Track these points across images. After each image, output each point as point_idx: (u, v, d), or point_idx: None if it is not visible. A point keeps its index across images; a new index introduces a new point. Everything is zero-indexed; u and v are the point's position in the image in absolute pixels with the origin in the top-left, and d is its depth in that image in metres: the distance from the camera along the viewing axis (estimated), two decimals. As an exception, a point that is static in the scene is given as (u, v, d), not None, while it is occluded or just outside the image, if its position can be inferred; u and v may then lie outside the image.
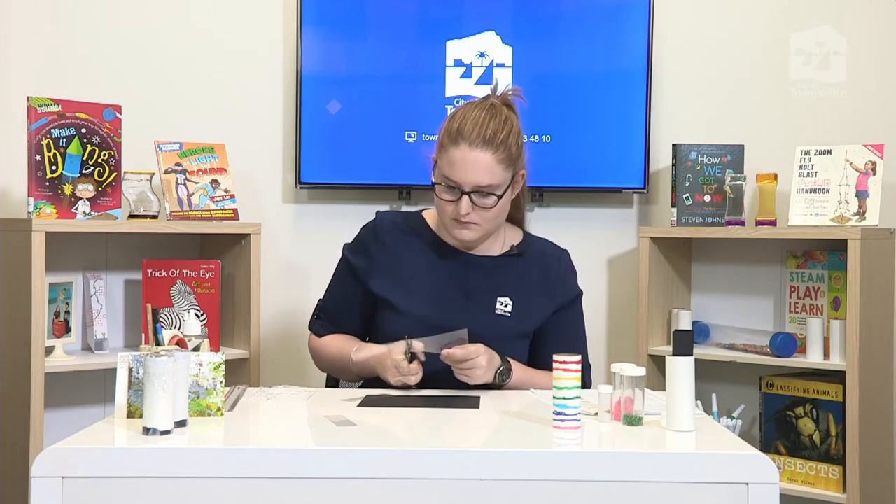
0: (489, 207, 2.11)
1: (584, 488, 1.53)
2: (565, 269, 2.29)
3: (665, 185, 3.27)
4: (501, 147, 2.08)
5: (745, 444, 1.64)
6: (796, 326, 3.05)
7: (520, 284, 2.21)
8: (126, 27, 3.09)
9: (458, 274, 2.20)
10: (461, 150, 2.07)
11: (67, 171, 2.65)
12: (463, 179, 2.08)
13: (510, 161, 2.11)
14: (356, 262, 2.24)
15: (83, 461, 1.53)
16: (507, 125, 2.10)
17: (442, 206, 2.14)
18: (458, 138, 2.08)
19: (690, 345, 1.69)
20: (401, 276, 2.20)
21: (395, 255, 2.22)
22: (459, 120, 2.10)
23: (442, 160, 2.11)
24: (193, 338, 1.93)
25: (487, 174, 2.08)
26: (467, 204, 2.09)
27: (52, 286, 2.67)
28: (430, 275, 2.20)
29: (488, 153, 2.07)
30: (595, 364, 2.36)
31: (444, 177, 2.11)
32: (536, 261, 2.25)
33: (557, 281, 2.25)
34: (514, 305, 2.19)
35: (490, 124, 2.08)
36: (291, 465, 1.53)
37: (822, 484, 2.87)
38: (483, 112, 2.10)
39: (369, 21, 3.26)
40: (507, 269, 2.22)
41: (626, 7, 3.25)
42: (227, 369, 1.80)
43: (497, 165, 2.08)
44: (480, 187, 2.08)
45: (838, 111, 3.19)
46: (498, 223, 2.20)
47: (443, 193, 2.12)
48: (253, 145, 3.21)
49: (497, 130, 2.08)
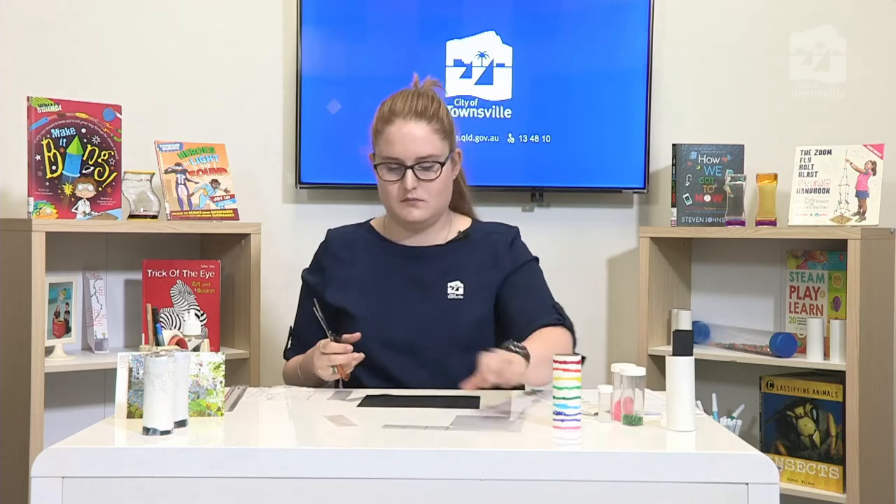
0: (433, 179, 2.16)
1: (584, 488, 1.53)
2: (512, 241, 2.29)
3: (665, 185, 3.27)
4: (434, 118, 2.17)
5: (745, 444, 1.64)
6: (796, 326, 3.05)
7: (469, 267, 2.24)
8: (126, 27, 3.09)
9: (408, 268, 2.24)
10: (396, 125, 2.15)
11: (67, 171, 2.65)
12: (403, 153, 2.15)
13: (445, 132, 2.18)
14: (312, 281, 2.31)
15: (83, 461, 1.53)
16: (435, 101, 2.20)
17: (386, 188, 2.19)
18: (391, 117, 2.17)
19: (690, 345, 1.69)
20: (353, 282, 2.25)
21: (346, 264, 2.27)
22: (389, 103, 2.20)
23: (379, 145, 2.19)
24: (193, 338, 1.93)
25: (426, 144, 2.15)
26: (412, 178, 2.15)
27: (52, 286, 2.67)
28: (380, 275, 2.24)
29: (423, 123, 2.16)
30: (595, 364, 2.36)
31: (384, 158, 2.17)
32: (484, 241, 2.28)
33: (504, 253, 2.26)
34: (466, 287, 2.21)
35: (419, 100, 2.18)
36: (291, 465, 1.53)
37: (822, 484, 2.87)
38: (409, 94, 2.21)
39: (369, 21, 3.26)
40: (455, 254, 2.25)
41: (626, 7, 3.25)
42: (227, 369, 1.80)
43: (433, 135, 2.16)
44: (422, 157, 2.15)
45: (838, 111, 3.19)
46: (443, 200, 2.23)
47: (386, 175, 2.18)
48: (253, 145, 3.21)
49: (427, 105, 2.18)
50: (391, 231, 2.29)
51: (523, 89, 3.25)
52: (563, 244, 3.30)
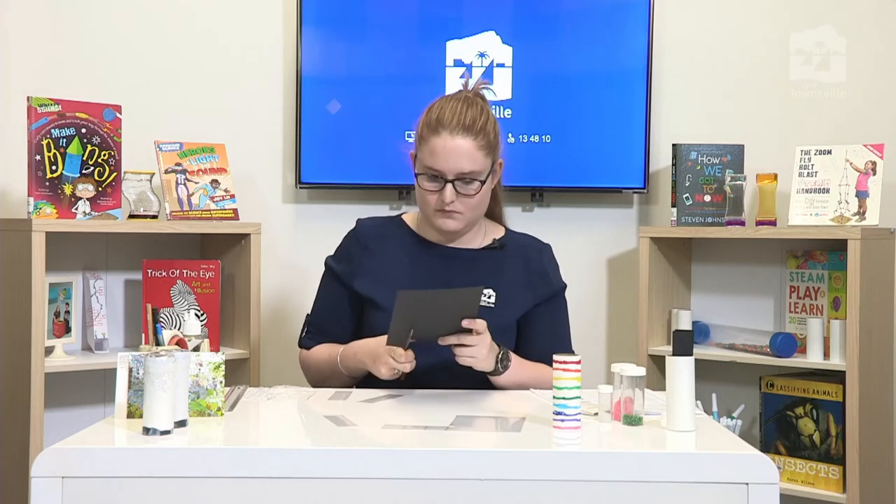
0: (472, 195, 2.14)
1: (584, 488, 1.53)
2: (547, 262, 2.30)
3: (665, 185, 3.27)
4: (481, 134, 2.13)
5: (745, 444, 1.64)
6: (796, 326, 3.05)
7: (501, 276, 2.23)
8: (126, 27, 3.09)
9: (441, 268, 2.22)
10: (442, 138, 2.12)
11: (67, 171, 2.65)
12: (446, 167, 2.11)
13: (490, 148, 2.15)
14: (340, 269, 2.27)
15: (83, 461, 1.53)
16: (483, 113, 2.16)
17: (425, 197, 2.17)
18: (438, 128, 2.12)
19: (690, 345, 1.69)
20: (384, 275, 2.22)
21: (377, 256, 2.24)
22: (437, 111, 2.15)
23: (423, 152, 2.16)
24: (193, 338, 1.93)
25: (469, 161, 2.12)
26: (451, 192, 2.12)
27: (52, 286, 2.67)
28: (412, 271, 2.22)
29: (469, 139, 2.12)
30: (595, 364, 2.37)
31: (426, 167, 2.14)
32: (518, 253, 2.27)
33: (539, 273, 2.26)
34: (497, 297, 2.21)
35: (468, 112, 2.13)
36: (291, 465, 1.53)
37: (822, 484, 2.87)
38: (459, 103, 2.16)
39: (369, 21, 3.25)
40: (489, 261, 2.24)
41: (626, 7, 3.25)
42: (227, 369, 1.80)
43: (478, 152, 2.13)
44: (463, 174, 2.12)
45: (838, 111, 3.19)
46: (480, 212, 2.22)
47: (426, 184, 2.15)
48: (253, 145, 3.21)
49: (475, 118, 2.13)
50: (424, 230, 2.27)
51: (523, 89, 3.25)
52: (563, 244, 3.27)
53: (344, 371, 2.17)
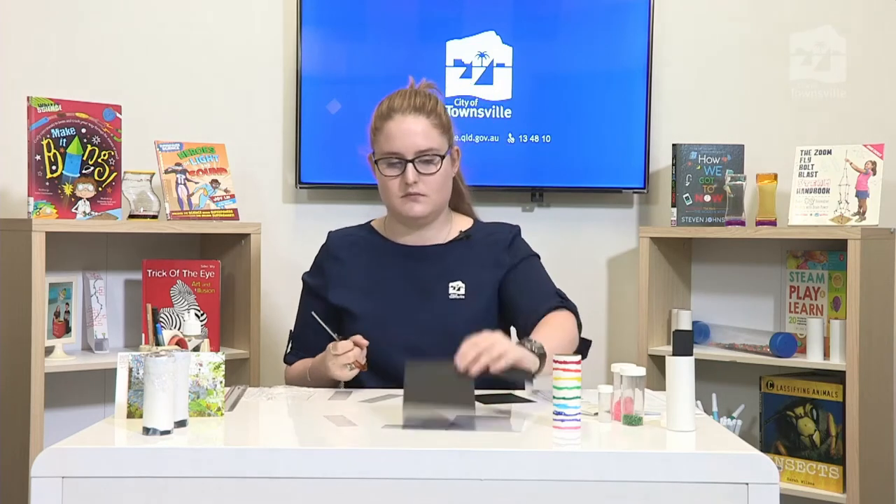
0: (433, 173, 2.17)
1: (584, 488, 1.53)
2: (512, 238, 2.30)
3: (665, 185, 3.27)
4: (433, 113, 2.19)
5: (745, 444, 1.64)
6: (796, 326, 3.05)
7: (470, 266, 2.25)
8: (126, 27, 3.09)
9: (409, 268, 2.25)
10: (395, 121, 2.18)
11: (67, 171, 2.65)
12: (403, 147, 2.17)
13: (443, 127, 2.21)
14: (314, 283, 2.31)
15: (83, 461, 1.53)
16: (431, 98, 2.23)
17: (387, 185, 2.20)
18: (389, 113, 2.19)
19: (690, 345, 1.69)
20: (355, 283, 2.25)
21: (347, 265, 2.28)
22: (387, 102, 2.23)
23: (379, 142, 2.21)
24: (193, 338, 1.93)
25: (425, 138, 2.17)
26: (413, 172, 2.16)
27: (52, 286, 2.67)
28: (382, 275, 2.25)
29: (421, 117, 2.18)
30: (595, 364, 2.36)
31: (384, 153, 2.19)
32: (485, 241, 2.29)
33: (503, 250, 2.27)
34: (467, 287, 2.22)
35: (416, 97, 2.21)
36: (291, 465, 1.53)
37: (822, 484, 2.87)
38: (406, 92, 2.24)
39: (369, 21, 3.26)
40: (457, 253, 2.26)
41: (626, 7, 3.25)
42: (227, 369, 1.80)
43: (433, 129, 2.18)
44: (422, 151, 2.17)
45: (838, 111, 3.19)
46: (443, 196, 2.24)
47: (387, 170, 2.19)
48: (253, 145, 3.21)
49: (424, 101, 2.21)
50: (392, 231, 2.30)
51: (523, 89, 3.25)
52: (563, 244, 3.30)
53: (313, 384, 2.22)
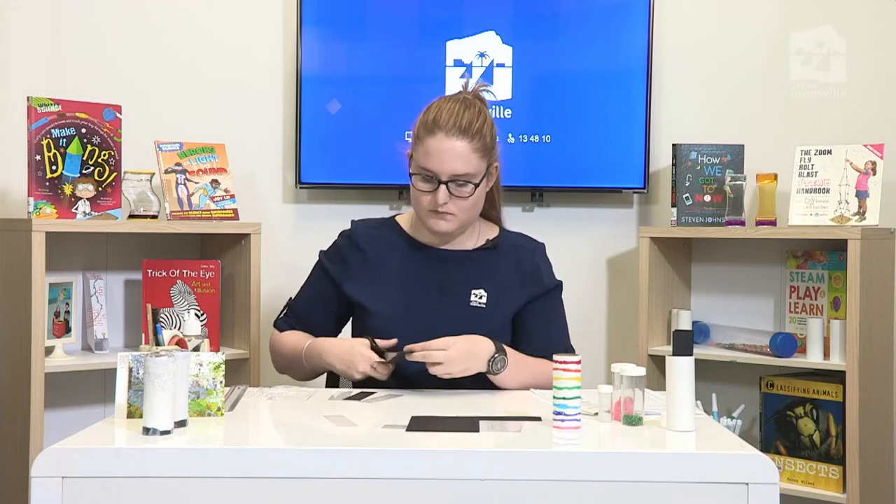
0: (466, 197, 2.14)
1: (584, 488, 1.53)
2: (539, 260, 2.30)
3: (665, 185, 3.27)
4: (477, 136, 2.13)
5: (745, 444, 1.64)
6: (796, 326, 3.05)
7: (494, 276, 2.24)
8: (126, 27, 3.09)
9: (433, 269, 2.23)
10: (437, 139, 2.12)
11: (67, 171, 2.65)
12: (440, 168, 2.12)
13: (485, 150, 2.15)
14: (331, 268, 2.28)
15: (83, 461, 1.53)
16: (480, 116, 2.16)
17: (419, 197, 2.17)
18: (434, 128, 2.12)
19: (690, 345, 1.69)
20: (375, 278, 2.24)
21: (369, 258, 2.25)
22: (434, 112, 2.15)
23: (418, 152, 2.16)
24: (193, 338, 1.93)
25: (463, 163, 2.12)
26: (444, 193, 2.12)
27: (52, 286, 2.67)
28: (404, 273, 2.23)
29: (464, 142, 2.12)
30: (595, 364, 2.36)
31: (420, 167, 2.15)
32: (510, 253, 2.27)
33: (530, 272, 2.27)
34: (489, 297, 2.21)
35: (465, 115, 2.13)
36: (291, 465, 1.53)
37: (822, 484, 2.87)
38: (457, 104, 2.16)
39: (369, 21, 3.26)
40: (481, 261, 2.25)
41: (626, 7, 3.25)
42: (227, 369, 1.80)
43: (473, 154, 2.13)
44: (457, 176, 2.12)
45: (838, 111, 3.19)
46: (473, 214, 2.22)
47: (420, 184, 2.16)
48: (253, 145, 3.21)
49: (472, 120, 2.13)
50: (418, 231, 2.27)
51: (523, 89, 3.25)
52: (563, 244, 3.29)
53: (306, 365, 2.21)
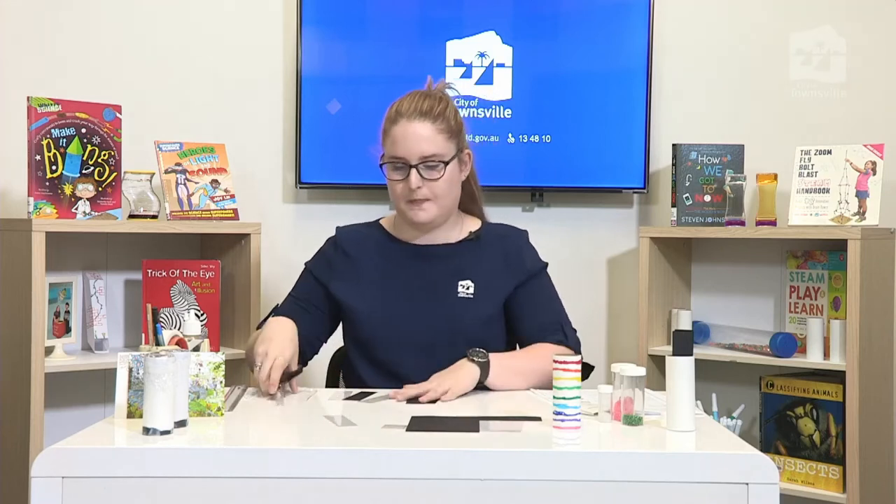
0: (437, 178, 2.17)
1: (584, 488, 1.53)
2: (522, 245, 2.32)
3: (665, 185, 3.27)
4: (440, 118, 2.18)
5: (745, 444, 1.64)
6: (796, 326, 3.05)
7: (480, 266, 2.25)
8: (126, 27, 3.09)
9: (418, 267, 2.25)
10: (401, 125, 2.17)
11: (67, 171, 2.65)
12: (407, 152, 2.16)
13: (451, 132, 2.19)
14: (317, 272, 2.31)
15: (83, 461, 1.53)
16: (441, 102, 2.21)
17: (394, 187, 2.20)
18: (396, 118, 2.18)
19: (690, 345, 1.69)
20: (360, 280, 2.25)
21: (354, 261, 2.27)
22: (396, 105, 2.21)
23: (386, 145, 2.21)
24: (193, 338, 1.94)
25: (430, 143, 2.16)
26: (416, 177, 2.15)
27: (52, 286, 2.67)
28: (389, 273, 2.25)
29: (427, 123, 2.17)
30: (595, 364, 2.35)
31: (390, 157, 2.19)
32: (494, 243, 2.29)
33: (515, 257, 2.28)
34: (476, 287, 2.22)
35: (425, 101, 2.19)
36: (291, 465, 1.53)
37: (822, 484, 2.87)
38: (417, 95, 2.22)
39: (369, 21, 3.26)
40: (466, 253, 2.26)
41: (626, 7, 3.25)
42: (227, 369, 1.80)
43: (438, 135, 2.17)
44: (425, 157, 2.16)
45: (838, 111, 3.19)
46: (450, 201, 2.23)
47: (392, 174, 2.19)
48: (253, 145, 3.22)
49: (433, 105, 2.19)
50: (401, 230, 2.29)
51: (523, 89, 3.25)
52: (563, 244, 3.30)
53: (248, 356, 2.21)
